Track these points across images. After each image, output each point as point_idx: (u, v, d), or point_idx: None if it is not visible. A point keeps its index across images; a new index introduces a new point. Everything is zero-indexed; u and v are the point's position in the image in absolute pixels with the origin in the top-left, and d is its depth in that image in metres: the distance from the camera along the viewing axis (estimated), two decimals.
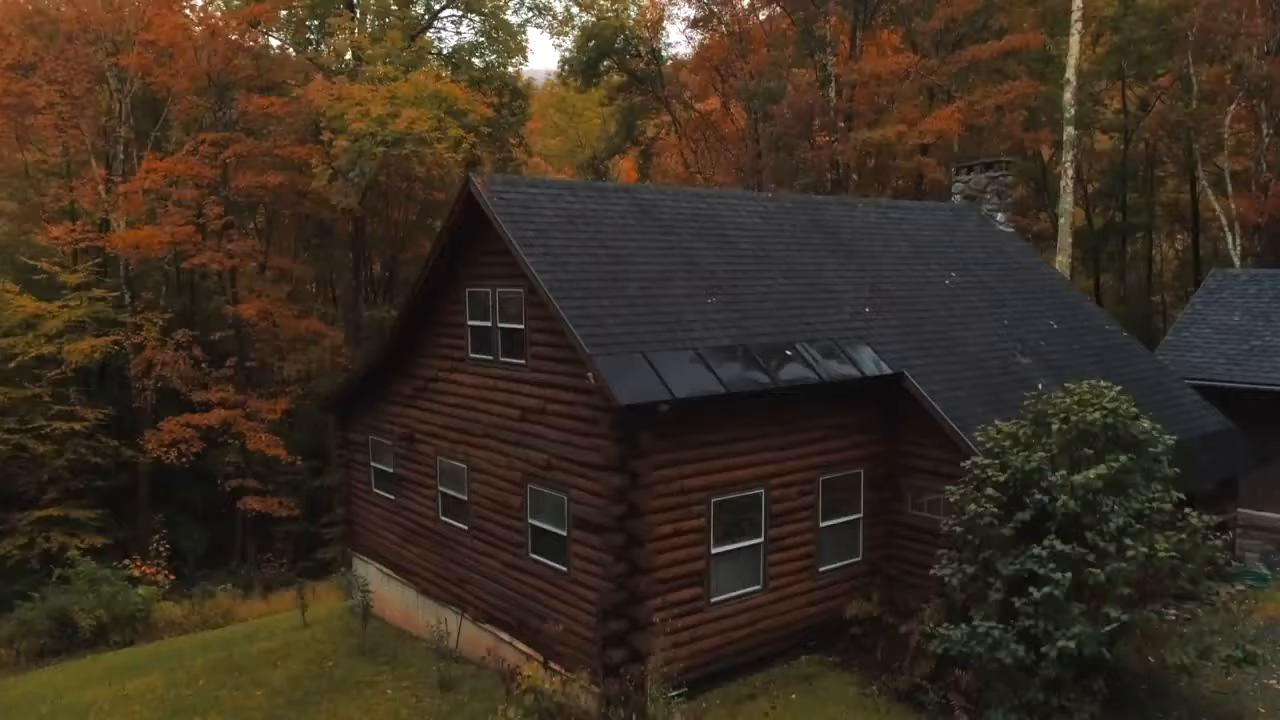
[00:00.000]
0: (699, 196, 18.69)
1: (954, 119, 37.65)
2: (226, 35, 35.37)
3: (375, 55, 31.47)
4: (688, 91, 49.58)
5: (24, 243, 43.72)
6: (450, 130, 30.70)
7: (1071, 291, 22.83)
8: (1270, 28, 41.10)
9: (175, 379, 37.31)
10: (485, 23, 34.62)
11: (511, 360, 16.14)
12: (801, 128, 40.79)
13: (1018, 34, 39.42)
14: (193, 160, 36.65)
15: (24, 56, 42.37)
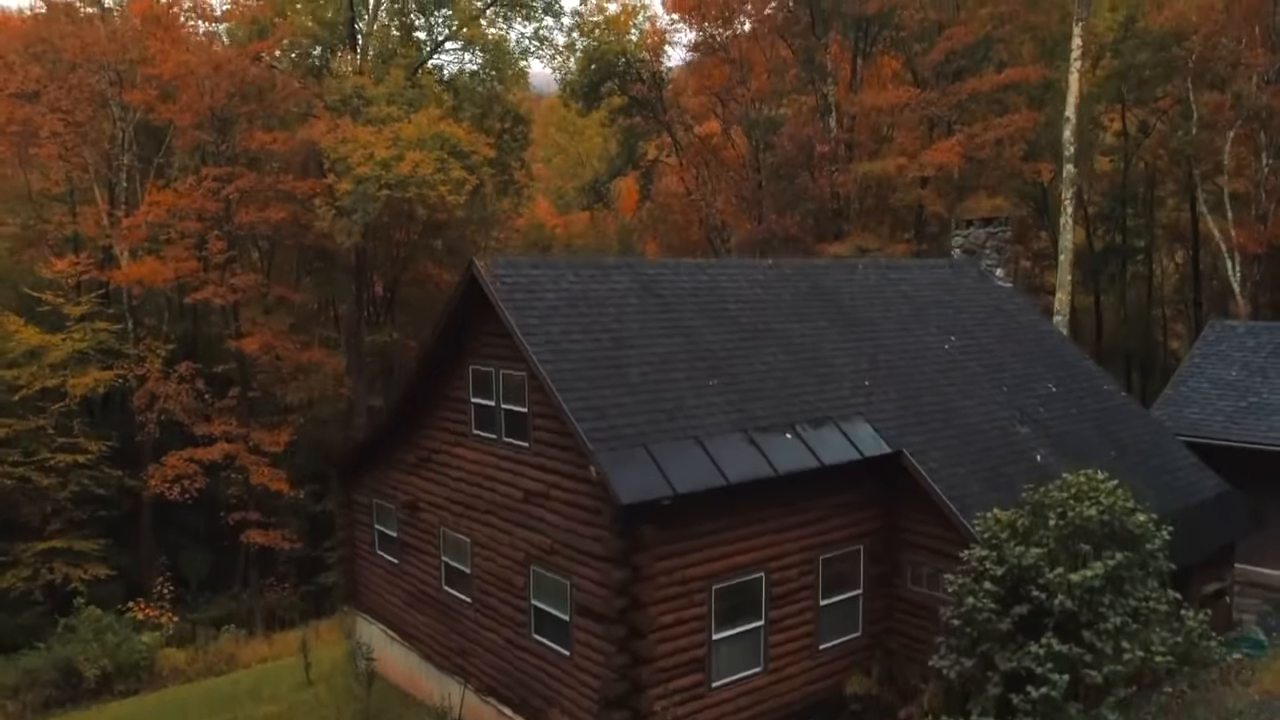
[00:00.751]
0: (699, 269, 18.83)
1: (954, 152, 37.81)
2: (229, 70, 35.44)
3: (378, 95, 31.60)
4: (688, 114, 49.65)
5: (27, 271, 43.94)
6: (453, 171, 30.85)
7: (1070, 349, 22.97)
8: (1270, 58, 41.24)
9: (178, 411, 37.45)
10: (487, 57, 34.69)
11: (515, 441, 16.28)
12: (802, 158, 40.95)
13: (1017, 66, 39.58)
14: (196, 194, 36.80)
15: (27, 84, 42.58)
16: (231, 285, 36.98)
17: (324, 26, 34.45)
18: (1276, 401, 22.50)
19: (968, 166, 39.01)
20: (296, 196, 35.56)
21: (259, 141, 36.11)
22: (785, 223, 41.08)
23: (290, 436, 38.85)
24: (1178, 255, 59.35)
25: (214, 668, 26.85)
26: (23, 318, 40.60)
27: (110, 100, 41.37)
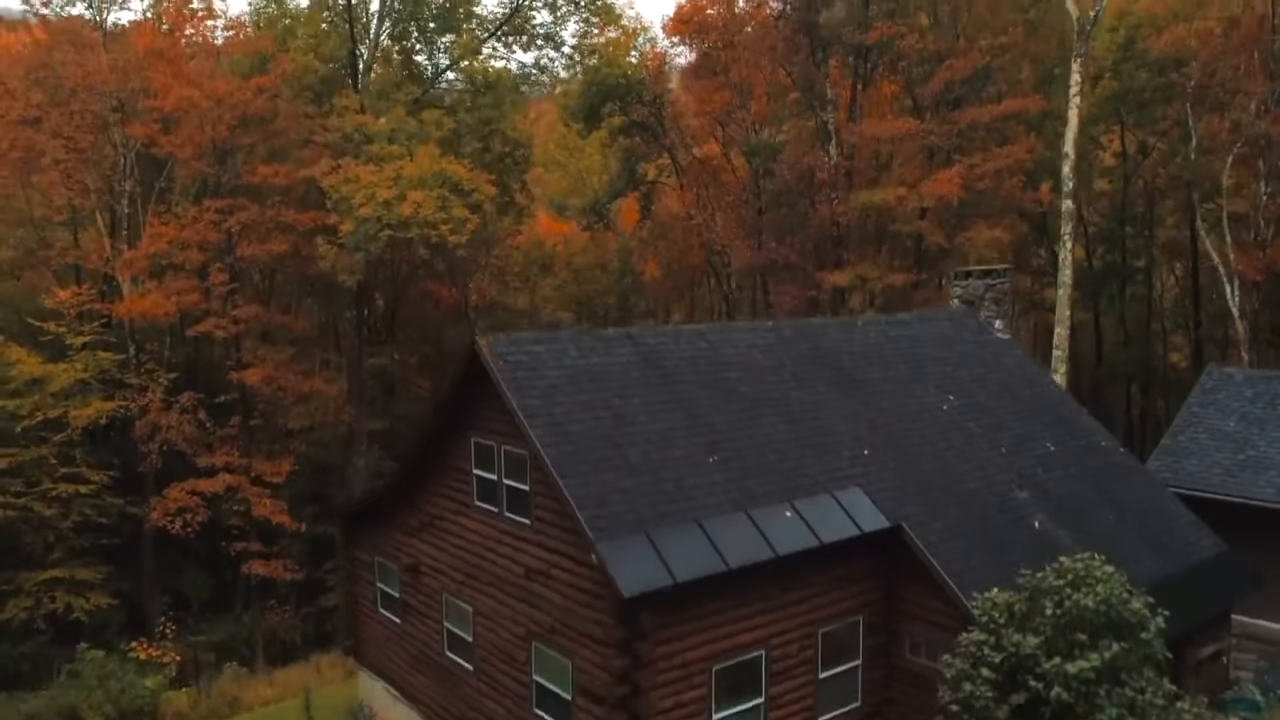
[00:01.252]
0: (700, 336, 18.95)
1: (953, 183, 37.85)
2: (231, 103, 35.53)
3: (379, 133, 31.71)
4: (689, 136, 49.71)
5: (28, 292, 44.13)
6: (454, 210, 30.94)
7: (1068, 403, 23.09)
8: (1269, 85, 41.35)
9: (180, 441, 37.58)
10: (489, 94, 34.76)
11: (516, 518, 16.41)
12: (802, 186, 41.08)
13: (1017, 94, 39.67)
14: (198, 225, 36.90)
15: (30, 111, 42.72)
16: (234, 317, 37.07)
17: (326, 62, 34.48)
18: (1273, 455, 22.62)
19: (967, 196, 39.07)
20: (298, 229, 35.64)
21: (261, 175, 36.18)
22: (785, 250, 41.20)
23: (292, 466, 38.94)
24: (1178, 269, 59.31)
25: (217, 711, 26.97)
26: (23, 341, 40.90)
27: (112, 125, 41.52)
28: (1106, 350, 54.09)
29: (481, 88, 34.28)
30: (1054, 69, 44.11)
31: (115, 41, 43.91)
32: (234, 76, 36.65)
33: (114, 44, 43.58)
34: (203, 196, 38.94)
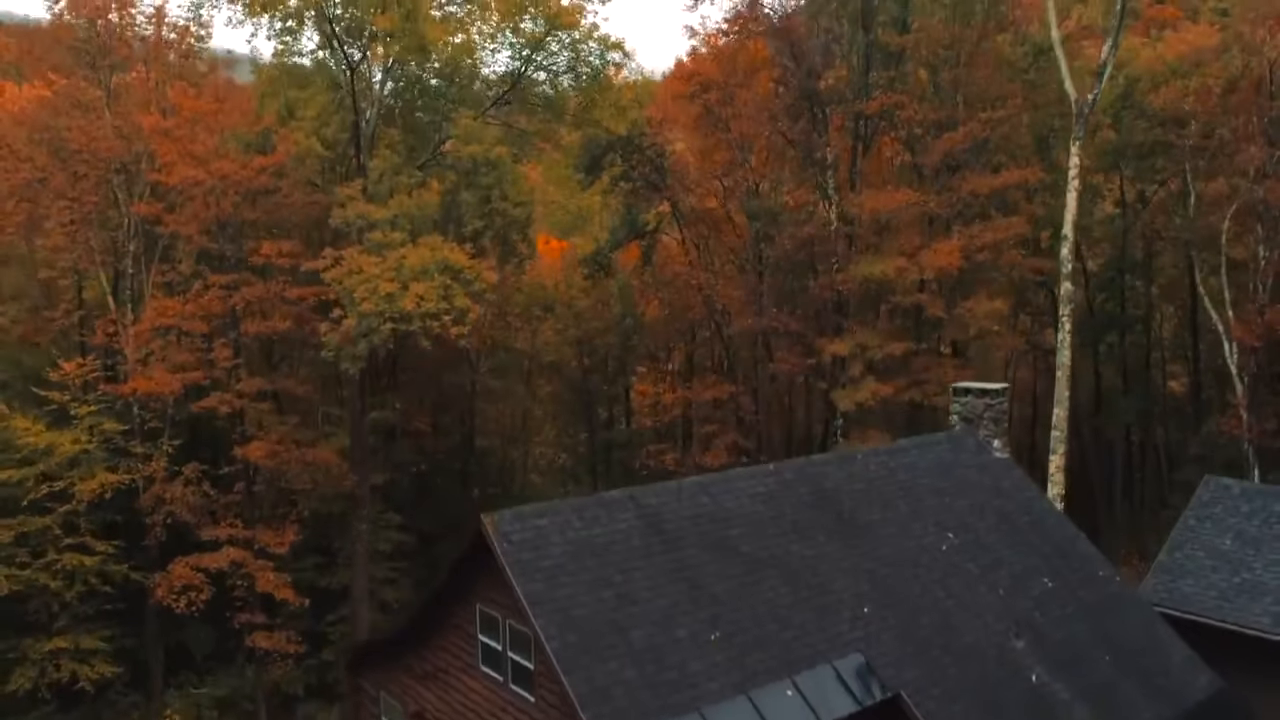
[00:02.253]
0: (702, 489, 19.18)
1: (953, 255, 38.11)
2: (236, 180, 35.76)
3: (382, 220, 31.91)
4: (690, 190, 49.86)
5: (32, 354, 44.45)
6: (456, 299, 31.14)
7: (1065, 528, 23.32)
8: (1267, 151, 41.61)
9: (184, 512, 37.86)
10: (490, 174, 34.93)
11: (521, 692, 16.67)
12: (803, 255, 41.32)
13: (1017, 165, 39.86)
14: (203, 299, 37.16)
15: (35, 173, 43.00)
16: (238, 390, 37.31)
17: (329, 146, 34.67)
18: (1268, 580, 22.88)
19: (967, 266, 39.30)
20: (302, 305, 35.89)
21: (266, 252, 36.42)
22: (785, 318, 41.45)
23: (295, 535, 39.22)
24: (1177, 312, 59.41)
25: None
26: (27, 403, 41.22)
27: (116, 188, 41.82)
28: (1107, 398, 54.26)
29: (483, 166, 34.37)
30: (1054, 121, 44.27)
31: (119, 100, 44.21)
32: (237, 149, 36.78)
33: (118, 103, 43.88)
34: (207, 262, 39.12)
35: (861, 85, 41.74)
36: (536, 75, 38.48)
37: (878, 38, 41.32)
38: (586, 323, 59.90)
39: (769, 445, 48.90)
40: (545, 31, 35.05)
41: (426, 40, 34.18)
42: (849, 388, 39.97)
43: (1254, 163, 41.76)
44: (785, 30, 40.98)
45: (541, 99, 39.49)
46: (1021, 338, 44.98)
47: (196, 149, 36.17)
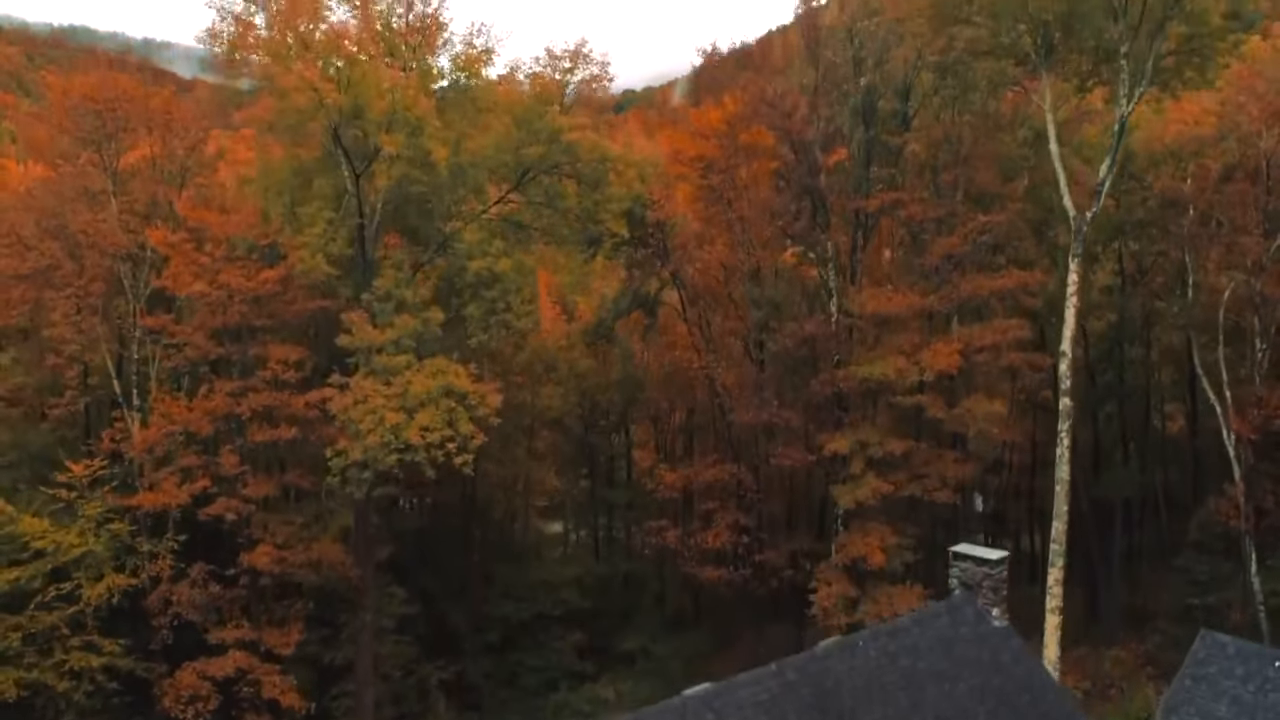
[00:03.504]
0: (706, 705, 19.40)
1: (953, 357, 38.48)
2: (242, 291, 36.12)
3: (386, 343, 32.24)
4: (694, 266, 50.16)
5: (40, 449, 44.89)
6: (461, 425, 31.50)
7: (1064, 703, 23.63)
8: (1263, 243, 41.94)
9: (190, 612, 38.31)
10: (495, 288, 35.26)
11: None
12: (804, 352, 41.64)
13: (1017, 266, 40.13)
14: (209, 404, 37.53)
15: (40, 260, 43.42)
16: (244, 496, 37.69)
17: (333, 264, 34.97)
18: None
19: (966, 365, 39.64)
20: (308, 420, 36.23)
21: (274, 361, 36.77)
22: (786, 413, 41.78)
23: (300, 634, 39.67)
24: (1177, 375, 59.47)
25: None
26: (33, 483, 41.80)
27: (123, 276, 42.29)
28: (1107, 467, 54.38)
29: (487, 281, 34.69)
30: (1050, 202, 44.49)
31: (125, 185, 44.54)
32: (244, 253, 37.16)
33: (124, 189, 44.23)
34: (213, 365, 39.50)
35: (862, 179, 42.06)
36: (540, 177, 38.80)
37: (878, 134, 41.58)
38: (588, 380, 60.30)
39: (770, 523, 49.30)
40: (546, 147, 35.33)
41: (431, 156, 34.46)
42: (850, 484, 40.37)
43: (1251, 255, 42.08)
44: (786, 128, 41.21)
45: (544, 195, 39.72)
46: (1020, 430, 45.27)
47: (203, 260, 36.49)
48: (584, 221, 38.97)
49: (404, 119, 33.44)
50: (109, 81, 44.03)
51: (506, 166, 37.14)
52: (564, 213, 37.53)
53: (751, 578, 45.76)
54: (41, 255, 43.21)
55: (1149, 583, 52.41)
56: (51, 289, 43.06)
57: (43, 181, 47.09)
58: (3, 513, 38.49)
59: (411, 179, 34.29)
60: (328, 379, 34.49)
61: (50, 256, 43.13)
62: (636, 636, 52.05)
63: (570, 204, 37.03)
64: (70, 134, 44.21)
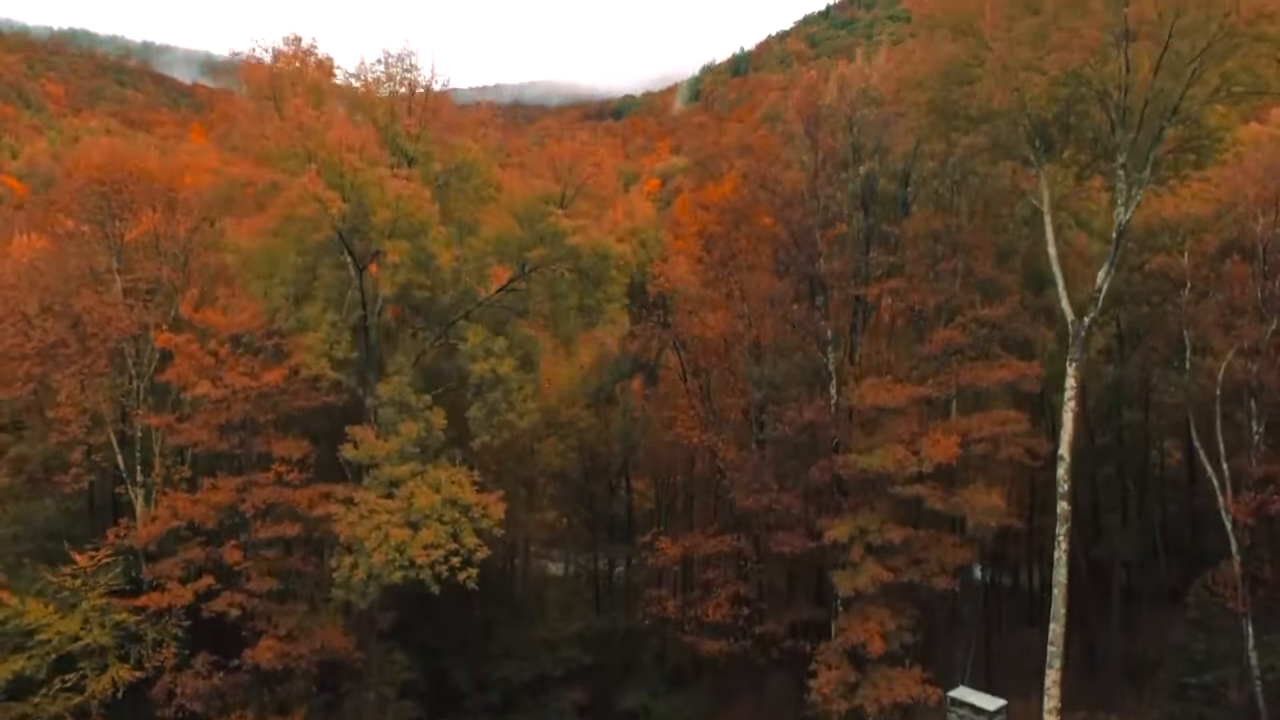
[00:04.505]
0: None
1: (952, 448, 38.74)
2: (247, 390, 36.42)
3: (391, 454, 32.55)
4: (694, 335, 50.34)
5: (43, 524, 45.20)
6: (465, 538, 31.82)
7: None
8: (1259, 329, 42.23)
9: (195, 704, 38.63)
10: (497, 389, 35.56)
11: None
12: (805, 438, 41.92)
13: (1019, 357, 40.40)
14: (214, 498, 37.85)
15: (45, 339, 43.76)
16: (248, 590, 37.99)
17: (338, 368, 35.27)
18: None
19: (965, 455, 39.90)
20: (312, 517, 36.54)
21: (279, 462, 37.07)
22: (786, 498, 42.08)
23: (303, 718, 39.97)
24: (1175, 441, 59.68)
25: None
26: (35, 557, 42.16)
27: (128, 358, 42.63)
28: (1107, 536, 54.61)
29: (490, 383, 34.99)
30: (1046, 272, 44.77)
31: (129, 263, 44.81)
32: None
33: (128, 267, 44.51)
34: (217, 460, 39.79)
35: (861, 263, 42.36)
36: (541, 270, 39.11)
37: (877, 221, 41.90)
38: (589, 433, 60.47)
39: (770, 593, 49.62)
40: (548, 249, 35.65)
41: (433, 259, 34.76)
42: (849, 570, 40.67)
43: (1247, 338, 42.39)
44: (786, 217, 41.52)
45: (546, 289, 39.95)
46: (1018, 518, 45.52)
47: (207, 361, 36.79)
48: (585, 313, 39.18)
49: (407, 224, 33.69)
50: (115, 162, 44.22)
51: (509, 260, 37.38)
52: (565, 310, 37.72)
53: (752, 648, 46.05)
54: (45, 333, 43.61)
55: (1148, 624, 52.81)
56: (56, 369, 43.44)
57: (46, 255, 47.21)
58: (7, 605, 38.86)
59: (415, 283, 34.49)
60: (332, 486, 34.74)
61: (54, 334, 43.52)
62: (637, 693, 52.24)
63: (572, 303, 37.21)
64: (75, 214, 44.49)
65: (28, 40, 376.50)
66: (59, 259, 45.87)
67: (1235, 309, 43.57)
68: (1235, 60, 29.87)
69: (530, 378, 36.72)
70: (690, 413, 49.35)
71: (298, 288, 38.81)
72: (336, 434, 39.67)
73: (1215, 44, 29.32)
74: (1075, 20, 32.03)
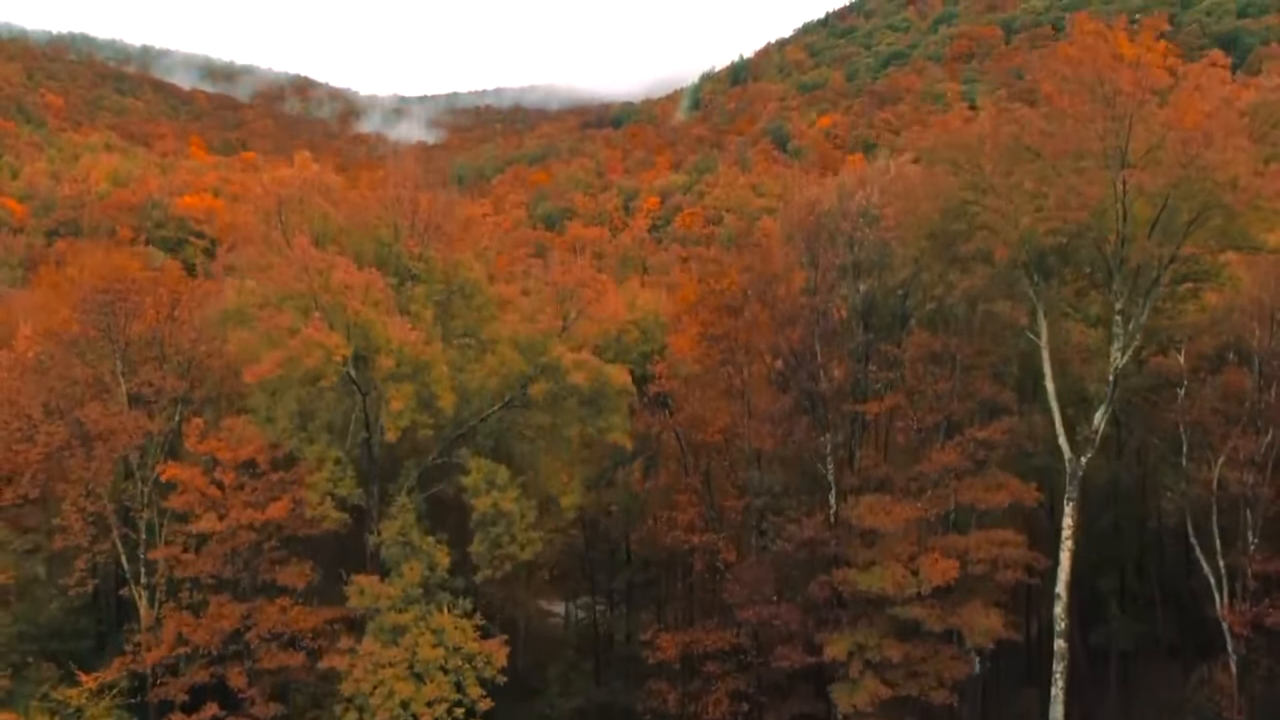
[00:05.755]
0: None
1: (950, 571, 39.07)
2: (252, 522, 36.79)
3: (395, 599, 32.90)
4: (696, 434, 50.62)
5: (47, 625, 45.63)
6: (469, 687, 32.21)
7: None
8: (1255, 441, 42.55)
9: None
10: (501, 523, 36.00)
11: None
12: (804, 554, 42.26)
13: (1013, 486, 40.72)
14: (218, 623, 38.18)
15: (50, 444, 44.14)
16: (251, 715, 38.34)
17: (342, 508, 35.63)
18: None
19: (963, 575, 40.19)
20: (318, 650, 36.87)
21: (281, 579, 37.42)
22: (785, 612, 42.39)
23: None
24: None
25: None
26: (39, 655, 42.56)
27: (135, 469, 43.00)
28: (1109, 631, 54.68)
29: (493, 519, 35.35)
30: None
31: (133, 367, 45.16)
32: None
33: (132, 370, 44.86)
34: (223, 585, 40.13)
35: (861, 377, 42.72)
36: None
37: (877, 336, 42.24)
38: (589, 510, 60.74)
39: (769, 686, 49.92)
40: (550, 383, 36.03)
41: (436, 399, 35.11)
42: (848, 684, 41.02)
43: (1243, 451, 42.72)
44: (786, 337, 41.90)
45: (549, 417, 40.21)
46: (1016, 629, 45.77)
47: (213, 492, 37.17)
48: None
49: (411, 366, 34.06)
50: (119, 274, 44.56)
51: (510, 384, 37.74)
52: (567, 439, 38.11)
53: None
54: (50, 437, 44.02)
55: (1145, 684, 53.01)
56: (61, 478, 43.87)
57: (51, 354, 47.32)
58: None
59: (419, 423, 34.85)
60: (336, 610, 35.09)
61: (59, 438, 43.93)
62: None
63: (573, 431, 37.59)
64: (80, 324, 44.83)
65: (27, 47, 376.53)
66: (64, 363, 46.20)
67: (1231, 418, 43.96)
68: (1228, 223, 30.19)
69: (531, 504, 36.94)
70: (690, 509, 49.69)
71: (301, 406, 39.18)
72: (342, 552, 40.11)
73: (1210, 210, 29.64)
74: (1073, 171, 32.34)
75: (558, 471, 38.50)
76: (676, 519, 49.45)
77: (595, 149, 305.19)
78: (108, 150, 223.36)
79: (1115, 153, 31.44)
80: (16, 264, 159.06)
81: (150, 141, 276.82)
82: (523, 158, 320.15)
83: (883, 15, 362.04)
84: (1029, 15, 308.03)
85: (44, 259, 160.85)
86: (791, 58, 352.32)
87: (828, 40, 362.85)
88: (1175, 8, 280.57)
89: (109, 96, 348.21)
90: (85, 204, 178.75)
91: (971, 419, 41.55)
